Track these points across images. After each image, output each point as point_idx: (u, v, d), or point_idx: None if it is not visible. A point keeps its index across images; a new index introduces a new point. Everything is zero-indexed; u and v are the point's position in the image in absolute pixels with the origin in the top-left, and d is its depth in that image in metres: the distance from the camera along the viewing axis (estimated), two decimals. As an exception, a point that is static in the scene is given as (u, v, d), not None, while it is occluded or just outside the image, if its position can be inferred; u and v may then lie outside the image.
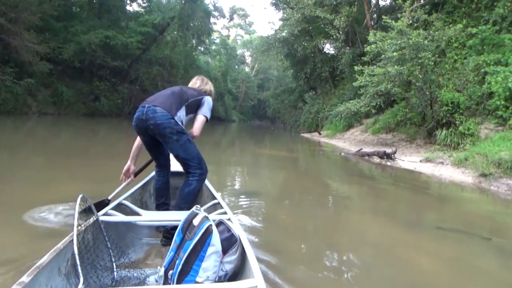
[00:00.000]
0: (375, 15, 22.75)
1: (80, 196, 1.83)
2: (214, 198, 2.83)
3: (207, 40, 39.15)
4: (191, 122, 2.82)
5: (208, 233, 1.76)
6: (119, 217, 2.18)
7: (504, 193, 5.96)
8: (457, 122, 10.13)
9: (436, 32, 10.33)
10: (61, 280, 1.53)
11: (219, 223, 1.90)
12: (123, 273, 1.94)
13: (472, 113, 10.58)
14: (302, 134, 24.08)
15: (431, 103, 11.10)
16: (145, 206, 3.02)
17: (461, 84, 11.34)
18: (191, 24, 32.60)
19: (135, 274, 1.94)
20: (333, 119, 19.57)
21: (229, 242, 1.81)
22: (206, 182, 3.04)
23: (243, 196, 4.44)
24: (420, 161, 8.94)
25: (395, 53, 10.40)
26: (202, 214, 1.88)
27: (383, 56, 11.53)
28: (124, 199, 2.55)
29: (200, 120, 2.77)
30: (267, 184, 6.04)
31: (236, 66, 55.66)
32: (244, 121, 60.10)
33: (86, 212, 1.89)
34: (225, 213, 2.37)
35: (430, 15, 12.83)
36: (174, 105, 2.59)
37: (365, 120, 17.65)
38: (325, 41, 25.26)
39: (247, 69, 62.17)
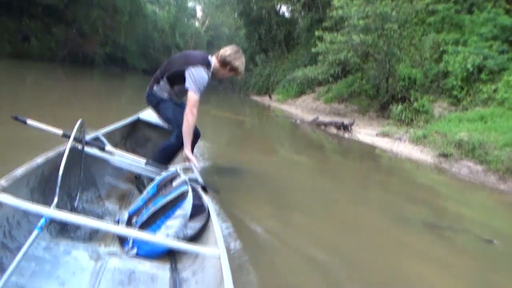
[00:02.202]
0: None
1: (80, 120, 1.74)
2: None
3: (156, -13, 36.31)
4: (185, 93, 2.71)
5: (182, 196, 1.80)
6: (94, 151, 2.20)
7: (466, 176, 5.93)
8: (411, 98, 10.13)
9: (404, 4, 10.00)
10: (27, 193, 1.57)
11: (192, 189, 1.88)
12: (85, 205, 1.98)
13: (426, 91, 10.64)
14: (252, 97, 23.49)
15: (387, 77, 11.00)
16: (115, 146, 2.84)
17: (418, 61, 11.32)
18: (138, -33, 29.70)
19: (97, 209, 1.96)
20: (286, 84, 19.13)
21: (198, 209, 1.84)
22: None
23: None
24: (377, 135, 8.82)
25: (361, 21, 9.96)
26: (183, 177, 1.91)
27: (346, 23, 11.08)
28: (100, 134, 2.52)
29: (188, 98, 2.58)
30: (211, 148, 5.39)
31: (186, 20, 52.59)
32: (190, 79, 57.10)
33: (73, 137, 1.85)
34: (196, 179, 2.31)
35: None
36: (152, 81, 2.81)
37: (318, 88, 17.40)
38: (283, 3, 24.28)
39: (197, 23, 59.11)
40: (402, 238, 2.76)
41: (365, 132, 9.27)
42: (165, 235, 1.73)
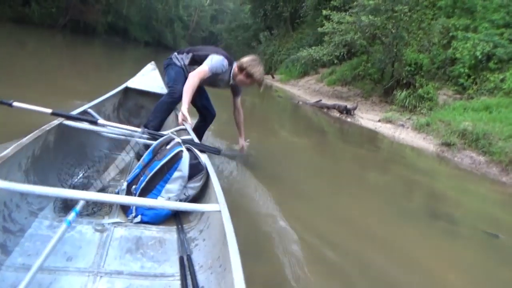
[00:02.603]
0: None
1: None
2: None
3: (160, -44, 35.40)
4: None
5: (177, 157, 1.80)
6: (85, 125, 2.15)
7: (468, 166, 5.85)
8: (416, 84, 9.95)
9: (417, -15, 9.69)
10: (21, 176, 1.56)
11: (188, 149, 1.89)
12: (85, 180, 1.96)
13: (431, 77, 10.43)
14: (254, 76, 23.15)
15: (394, 61, 10.77)
16: (107, 119, 2.90)
17: (426, 46, 11.06)
18: None
19: (97, 183, 1.91)
20: (289, 64, 18.81)
21: (196, 169, 1.84)
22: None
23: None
24: (379, 120, 8.69)
25: (371, 1, 9.66)
26: (177, 139, 1.92)
27: (355, 3, 10.76)
28: (89, 107, 2.49)
29: (199, 67, 2.75)
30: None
31: (190, -8, 51.46)
32: (192, 53, 56.42)
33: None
34: (192, 140, 2.29)
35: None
36: (175, 52, 3.08)
37: (321, 69, 17.10)
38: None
39: (201, -4, 57.84)
40: (407, 231, 2.70)
41: (368, 117, 9.14)
42: (166, 199, 1.77)
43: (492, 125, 6.44)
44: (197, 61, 2.85)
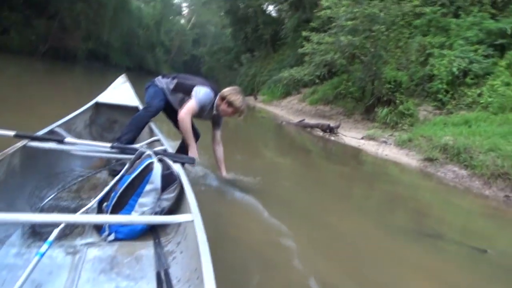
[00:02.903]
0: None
1: None
2: (155, 135, 2.83)
3: (141, -17, 35.84)
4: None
5: (148, 169, 1.77)
6: (50, 144, 2.06)
7: (451, 180, 5.88)
8: (397, 101, 10.11)
9: (393, 6, 9.95)
10: None
11: (160, 160, 1.87)
12: (53, 202, 1.87)
13: (411, 94, 10.62)
14: (237, 97, 23.23)
15: (373, 79, 10.96)
16: (79, 136, 2.84)
17: (404, 64, 11.32)
18: (124, -39, 29.15)
19: (64, 203, 1.88)
20: (271, 85, 18.97)
21: (169, 180, 1.81)
22: (152, 123, 3.03)
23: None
24: (362, 138, 8.74)
25: (349, 22, 9.88)
26: (148, 151, 1.88)
27: (334, 24, 11.00)
28: (57, 126, 2.44)
29: (187, 104, 2.82)
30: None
31: (171, 17, 51.84)
32: (174, 77, 56.49)
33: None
34: (165, 150, 2.27)
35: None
36: (162, 75, 3.15)
37: (303, 89, 17.30)
38: (270, 2, 24.14)
39: (183, 21, 58.38)
40: (393, 249, 2.62)
41: (351, 135, 9.19)
42: (140, 213, 1.73)
43: (472, 139, 6.52)
44: (182, 89, 2.92)
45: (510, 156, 5.56)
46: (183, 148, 3.32)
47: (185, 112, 2.73)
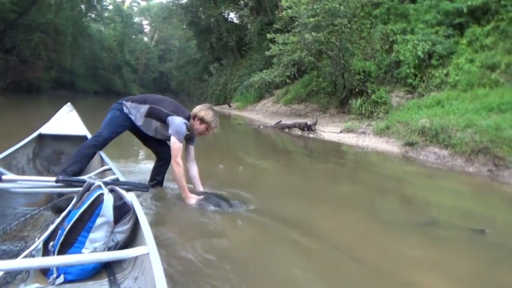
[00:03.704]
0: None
1: None
2: (105, 164, 2.65)
3: (98, 6, 35.36)
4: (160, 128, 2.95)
5: (98, 202, 1.64)
6: None
7: (434, 162, 5.91)
8: (369, 90, 10.19)
9: (351, -2, 10.07)
10: None
11: (111, 191, 1.73)
12: None
13: (381, 82, 10.76)
14: (211, 107, 23.09)
15: (343, 72, 11.03)
16: (21, 172, 2.73)
17: (370, 53, 11.45)
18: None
19: (6, 248, 1.70)
20: (243, 91, 18.93)
21: (121, 211, 1.69)
22: (102, 152, 2.84)
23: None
24: (341, 131, 8.75)
25: (311, 19, 9.92)
26: (97, 182, 1.76)
27: (296, 23, 11.04)
28: None
29: (172, 146, 2.86)
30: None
31: (134, 36, 51.30)
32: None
33: None
34: (117, 179, 2.14)
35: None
36: (127, 98, 3.02)
37: (276, 91, 17.33)
38: (231, 9, 24.17)
39: (146, 39, 57.80)
40: (390, 244, 2.52)
41: (329, 130, 9.19)
42: (92, 250, 1.60)
43: (447, 118, 6.60)
44: (156, 116, 2.89)
45: (487, 130, 5.64)
46: (159, 168, 3.25)
47: (176, 163, 2.81)
